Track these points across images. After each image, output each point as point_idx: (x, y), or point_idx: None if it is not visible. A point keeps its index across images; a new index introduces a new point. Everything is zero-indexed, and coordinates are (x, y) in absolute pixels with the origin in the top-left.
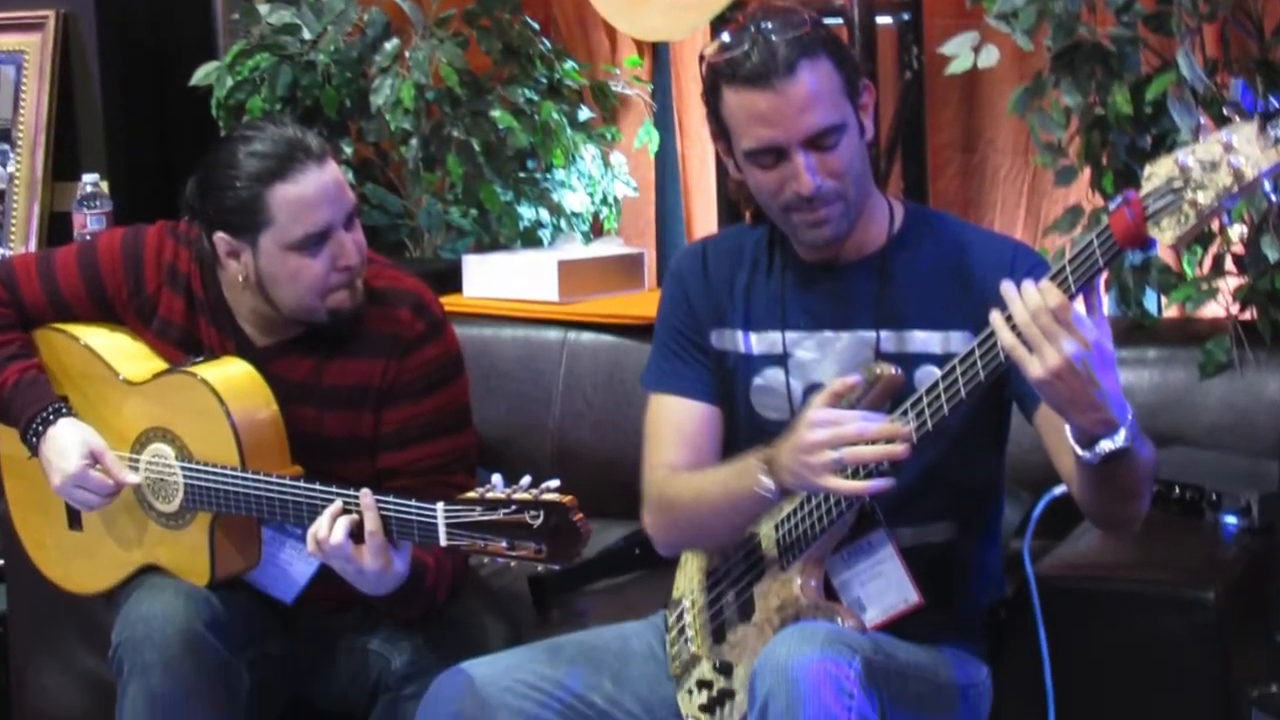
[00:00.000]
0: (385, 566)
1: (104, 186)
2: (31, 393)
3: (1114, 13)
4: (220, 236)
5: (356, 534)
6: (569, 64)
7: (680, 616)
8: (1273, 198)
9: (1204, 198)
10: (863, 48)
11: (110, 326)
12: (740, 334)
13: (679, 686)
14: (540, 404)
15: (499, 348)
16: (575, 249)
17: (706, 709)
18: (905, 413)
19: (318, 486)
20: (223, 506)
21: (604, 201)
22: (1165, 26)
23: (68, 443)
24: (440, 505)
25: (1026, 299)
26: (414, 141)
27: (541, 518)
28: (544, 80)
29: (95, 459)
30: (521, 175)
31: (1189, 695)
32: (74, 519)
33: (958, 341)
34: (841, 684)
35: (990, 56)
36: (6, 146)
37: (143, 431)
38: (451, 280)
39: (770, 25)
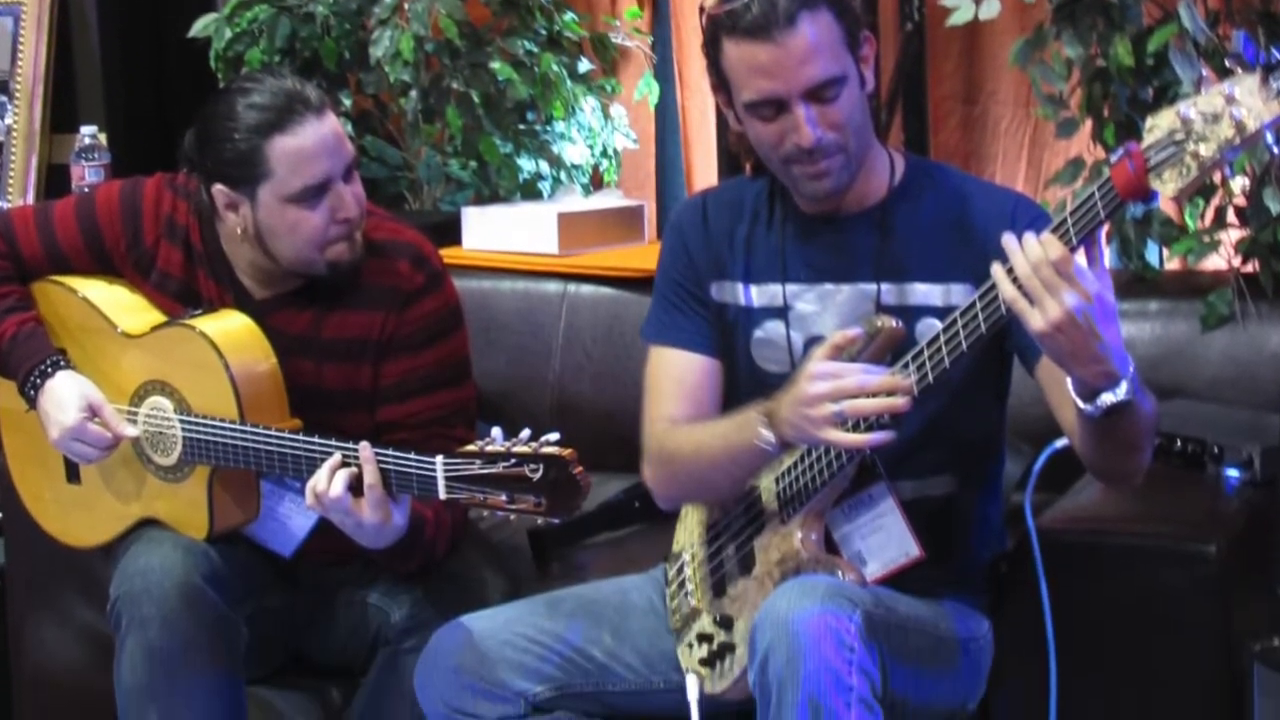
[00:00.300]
0: (384, 520)
1: (102, 139)
2: (29, 345)
3: None
4: (219, 189)
5: (355, 487)
6: (568, 15)
7: (680, 570)
8: (1274, 150)
9: (1206, 150)
10: None
11: (108, 279)
12: (740, 286)
13: (679, 640)
14: (540, 357)
15: (498, 300)
16: (575, 201)
17: (707, 662)
18: (906, 365)
19: (316, 439)
20: (221, 460)
21: (604, 154)
22: None
23: (66, 395)
24: (439, 458)
25: (1028, 251)
26: (413, 93)
27: (541, 471)
28: (543, 32)
29: (93, 412)
30: (521, 127)
31: (1190, 648)
32: (72, 472)
33: (959, 294)
34: (842, 637)
35: (991, 8)
36: (4, 98)
37: (141, 384)
38: (451, 233)
39: None
